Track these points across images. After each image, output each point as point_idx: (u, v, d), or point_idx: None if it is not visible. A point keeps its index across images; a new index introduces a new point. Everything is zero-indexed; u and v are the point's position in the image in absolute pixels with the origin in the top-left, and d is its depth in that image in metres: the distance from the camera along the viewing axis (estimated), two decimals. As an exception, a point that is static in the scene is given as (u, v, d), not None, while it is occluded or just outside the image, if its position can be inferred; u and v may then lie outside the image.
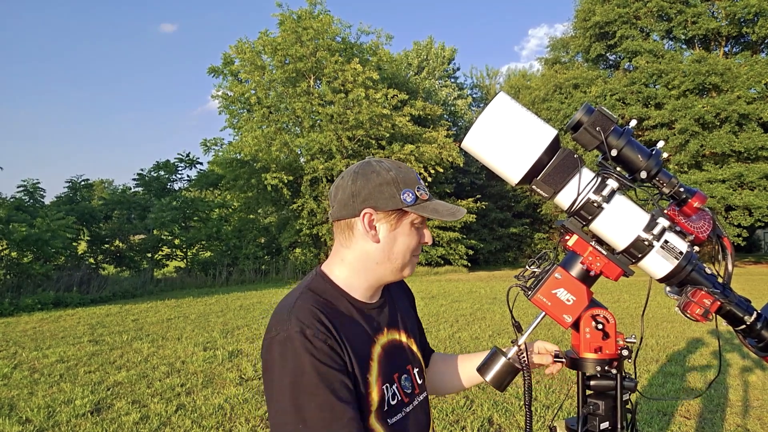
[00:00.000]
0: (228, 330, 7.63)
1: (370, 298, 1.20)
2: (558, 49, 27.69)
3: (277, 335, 1.03)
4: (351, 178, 1.15)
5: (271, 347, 1.03)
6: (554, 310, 1.12)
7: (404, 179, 1.14)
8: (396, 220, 1.14)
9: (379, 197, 1.12)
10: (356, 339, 1.10)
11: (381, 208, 1.12)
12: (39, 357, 6.12)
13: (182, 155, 18.62)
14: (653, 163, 1.08)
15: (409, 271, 1.19)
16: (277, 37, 17.97)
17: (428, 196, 1.17)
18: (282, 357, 1.01)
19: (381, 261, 1.15)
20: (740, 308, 1.11)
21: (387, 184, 1.12)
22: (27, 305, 10.16)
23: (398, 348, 1.22)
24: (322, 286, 1.15)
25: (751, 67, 20.55)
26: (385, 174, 1.13)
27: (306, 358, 1.00)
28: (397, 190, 1.12)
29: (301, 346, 1.00)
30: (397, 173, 1.14)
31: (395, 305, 1.29)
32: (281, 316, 1.07)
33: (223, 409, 4.31)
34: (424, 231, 1.19)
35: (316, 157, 17.31)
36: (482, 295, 11.92)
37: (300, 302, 1.09)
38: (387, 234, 1.14)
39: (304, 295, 1.11)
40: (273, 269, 17.41)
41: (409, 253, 1.16)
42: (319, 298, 1.11)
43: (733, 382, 4.96)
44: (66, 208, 14.65)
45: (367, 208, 1.12)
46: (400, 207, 1.12)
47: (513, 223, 24.53)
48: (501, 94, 1.10)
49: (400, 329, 1.25)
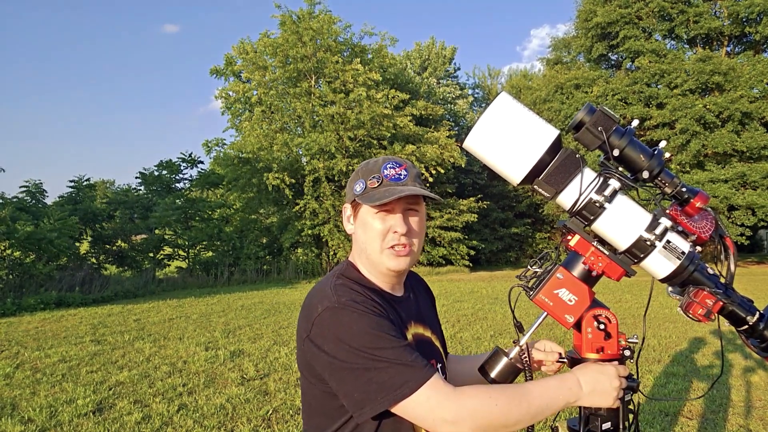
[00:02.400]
0: (230, 330, 7.64)
1: (393, 290, 1.23)
2: (560, 49, 27.65)
3: (327, 308, 1.06)
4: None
5: (323, 319, 1.06)
6: (556, 311, 1.12)
7: (367, 170, 1.18)
8: (355, 211, 1.20)
9: (348, 192, 1.21)
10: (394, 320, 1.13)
11: (348, 201, 1.21)
12: (41, 357, 6.13)
13: (185, 155, 18.66)
14: (655, 162, 1.08)
15: (390, 263, 1.16)
16: (278, 38, 17.99)
17: (378, 183, 1.14)
18: (340, 322, 1.04)
19: (362, 249, 1.19)
20: (743, 308, 1.11)
21: (354, 178, 1.20)
22: (29, 305, 10.18)
23: (425, 342, 1.24)
24: (355, 274, 1.19)
25: (753, 66, 20.51)
26: (359, 169, 1.21)
27: (364, 318, 1.04)
28: (355, 181, 1.19)
29: (357, 309, 1.05)
30: (364, 165, 1.20)
31: (419, 302, 1.32)
32: (324, 293, 1.10)
33: (225, 409, 4.32)
34: (390, 218, 1.16)
35: (317, 157, 17.31)
36: (484, 296, 11.91)
37: (340, 281, 1.13)
38: (355, 225, 1.21)
39: (341, 279, 1.15)
40: (275, 269, 17.43)
41: (376, 239, 1.15)
42: (355, 282, 1.15)
43: (735, 383, 4.95)
44: (70, 209, 14.69)
45: (346, 202, 1.23)
46: (354, 198, 1.18)
47: (515, 223, 24.52)
48: (503, 94, 1.10)
49: (425, 325, 1.28)
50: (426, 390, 0.98)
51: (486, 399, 0.99)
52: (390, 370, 0.99)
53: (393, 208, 1.16)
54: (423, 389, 0.98)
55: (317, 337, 1.05)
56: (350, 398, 1.02)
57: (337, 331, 1.03)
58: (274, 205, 19.61)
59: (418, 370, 1.00)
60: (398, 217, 1.15)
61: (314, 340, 1.06)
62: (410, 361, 1.01)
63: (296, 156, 18.80)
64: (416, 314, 1.26)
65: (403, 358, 1.00)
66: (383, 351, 1.00)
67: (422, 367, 1.01)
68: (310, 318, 1.08)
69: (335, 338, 1.03)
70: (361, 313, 1.04)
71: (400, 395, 0.98)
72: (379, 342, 1.01)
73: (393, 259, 1.15)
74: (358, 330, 1.02)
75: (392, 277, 1.21)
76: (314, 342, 1.05)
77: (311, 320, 1.07)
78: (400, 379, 0.98)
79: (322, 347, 1.04)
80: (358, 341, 1.01)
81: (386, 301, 1.15)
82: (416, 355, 1.03)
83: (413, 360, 1.01)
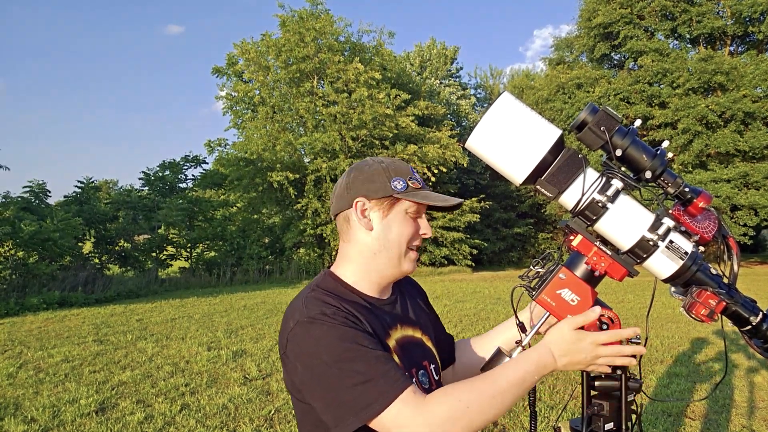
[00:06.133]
0: (232, 330, 7.65)
1: (380, 294, 1.20)
2: (562, 49, 27.59)
3: (298, 322, 1.04)
4: (347, 173, 1.20)
5: (295, 335, 1.04)
6: (558, 311, 1.12)
7: (396, 169, 1.17)
8: (388, 207, 1.15)
9: (370, 186, 1.15)
10: (373, 328, 1.10)
11: (372, 196, 1.14)
12: (44, 356, 6.15)
13: (188, 155, 18.70)
14: (658, 162, 1.08)
15: (408, 266, 1.18)
16: (279, 38, 18.01)
17: (421, 185, 1.18)
18: (311, 336, 1.02)
19: (378, 250, 1.16)
20: (746, 309, 1.11)
21: (378, 174, 1.15)
22: (32, 305, 10.21)
23: (413, 344, 1.21)
24: (332, 284, 1.16)
25: (756, 66, 20.45)
26: (377, 165, 1.17)
27: (333, 330, 1.01)
28: (388, 178, 1.15)
29: (326, 322, 1.02)
30: (390, 164, 1.18)
31: (407, 302, 1.29)
32: (296, 307, 1.08)
33: (227, 408, 4.32)
34: (419, 222, 1.19)
35: (320, 156, 17.33)
36: (486, 296, 11.90)
37: (312, 295, 1.10)
38: (380, 222, 1.15)
39: (315, 291, 1.12)
40: (277, 269, 17.44)
41: (405, 242, 1.16)
42: (330, 293, 1.12)
43: (738, 383, 4.93)
44: (75, 209, 14.74)
45: (360, 197, 1.15)
46: (391, 194, 1.14)
47: (517, 223, 24.47)
48: (505, 93, 1.10)
49: (414, 326, 1.25)
50: (397, 404, 0.95)
51: (455, 403, 0.96)
52: (359, 387, 0.96)
53: (421, 213, 1.19)
54: (394, 404, 0.95)
55: (291, 352, 1.04)
56: (324, 415, 1.01)
57: (307, 345, 1.01)
58: (276, 205, 19.63)
59: (389, 383, 0.97)
60: (426, 220, 1.19)
61: (290, 356, 1.05)
62: (382, 373, 0.97)
63: (299, 156, 18.82)
64: (404, 316, 1.23)
65: (374, 370, 0.97)
66: (354, 363, 0.98)
67: (393, 381, 0.97)
68: (284, 334, 1.07)
69: (306, 353, 1.01)
70: (330, 326, 1.01)
71: (371, 413, 0.96)
72: (349, 354, 0.99)
73: (411, 262, 1.18)
74: (327, 343, 1.00)
75: (391, 280, 1.21)
76: (290, 358, 1.05)
77: (285, 336, 1.06)
78: (369, 396, 0.96)
79: (295, 363, 1.03)
80: (328, 355, 0.99)
81: (367, 309, 1.13)
82: (390, 365, 1.00)
83: (385, 372, 0.98)
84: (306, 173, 17.72)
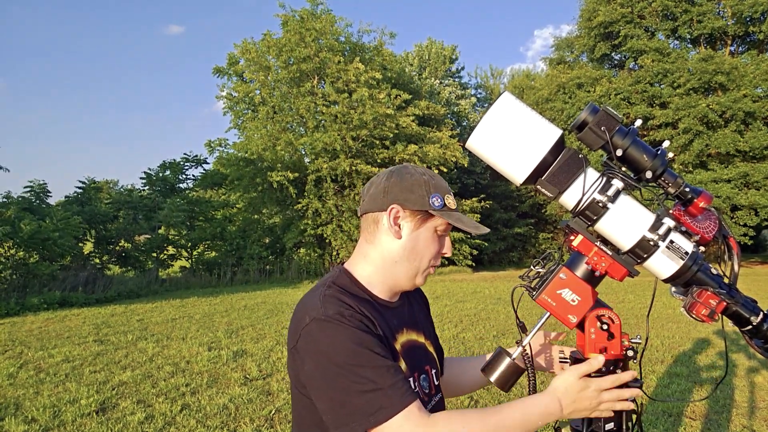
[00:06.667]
0: (232, 330, 7.65)
1: (389, 298, 1.22)
2: (563, 49, 27.59)
3: (314, 319, 1.05)
4: (386, 176, 1.19)
5: (310, 331, 1.04)
6: (559, 311, 1.12)
7: (436, 185, 1.17)
8: (421, 222, 1.16)
9: (408, 196, 1.15)
10: (383, 330, 1.12)
11: (408, 206, 1.15)
12: (44, 357, 6.15)
13: (188, 155, 18.70)
14: (658, 162, 1.08)
15: (422, 280, 1.20)
16: (280, 38, 18.01)
17: (456, 206, 1.19)
18: (326, 335, 1.02)
19: (400, 260, 1.16)
20: (746, 309, 1.11)
21: (419, 185, 1.15)
22: (33, 305, 10.21)
23: (417, 348, 1.23)
24: (346, 281, 1.17)
25: (757, 66, 20.44)
26: (419, 176, 1.17)
27: (349, 332, 1.02)
28: (427, 192, 1.15)
29: (342, 323, 1.03)
30: (431, 178, 1.18)
31: (413, 308, 1.31)
32: (313, 303, 1.09)
33: (228, 408, 4.32)
34: (445, 240, 1.21)
35: (320, 156, 17.32)
36: (486, 296, 11.90)
37: (329, 292, 1.11)
38: (410, 233, 1.16)
39: (331, 288, 1.13)
40: (277, 269, 17.44)
41: (428, 258, 1.18)
42: (345, 291, 1.13)
43: (739, 383, 4.93)
44: (76, 209, 14.74)
45: (395, 204, 1.14)
46: (427, 209, 1.14)
47: (517, 224, 24.46)
48: (506, 93, 1.10)
49: (419, 330, 1.27)
50: (400, 418, 0.97)
51: (458, 427, 0.98)
52: (367, 395, 0.98)
53: (447, 232, 1.21)
54: (397, 417, 0.97)
55: (302, 348, 1.05)
56: (327, 417, 1.02)
57: (320, 344, 1.02)
58: (277, 205, 19.63)
59: (395, 395, 0.98)
60: (449, 240, 1.22)
61: (300, 351, 1.05)
62: (389, 384, 0.99)
63: (300, 156, 18.81)
64: (410, 320, 1.26)
65: (383, 380, 0.99)
66: (364, 369, 0.99)
67: (401, 394, 0.99)
68: (298, 328, 1.07)
69: (318, 351, 1.02)
70: (345, 328, 1.02)
71: (374, 421, 0.97)
72: (361, 359, 1.00)
73: (425, 278, 1.21)
74: (341, 345, 1.01)
75: (403, 290, 1.23)
76: (300, 353, 1.05)
77: (299, 330, 1.06)
78: (375, 404, 0.97)
79: (305, 360, 1.04)
80: (339, 357, 1.00)
81: (378, 311, 1.14)
82: (399, 377, 1.01)
83: (393, 384, 0.99)
84: (306, 173, 17.71)
